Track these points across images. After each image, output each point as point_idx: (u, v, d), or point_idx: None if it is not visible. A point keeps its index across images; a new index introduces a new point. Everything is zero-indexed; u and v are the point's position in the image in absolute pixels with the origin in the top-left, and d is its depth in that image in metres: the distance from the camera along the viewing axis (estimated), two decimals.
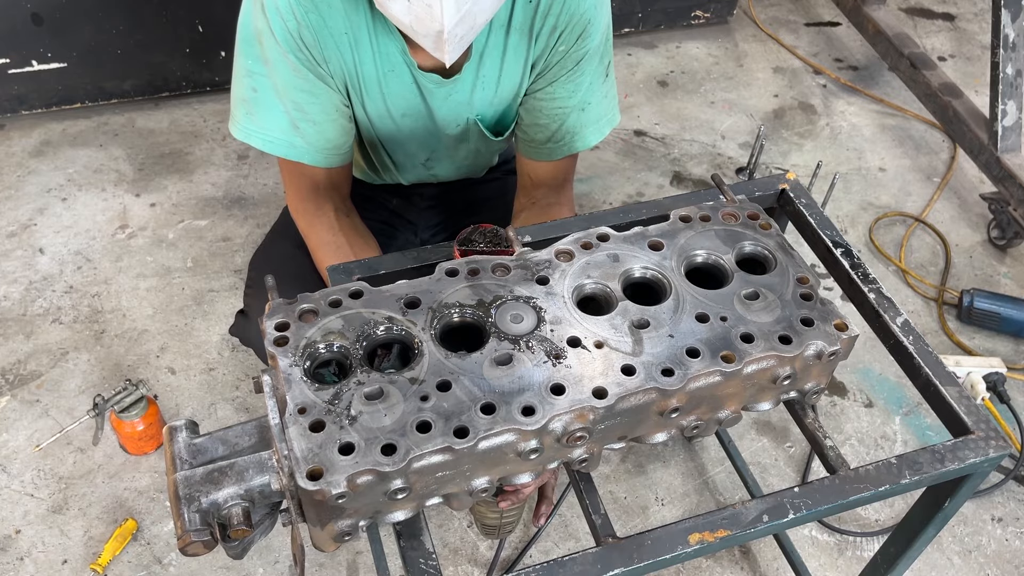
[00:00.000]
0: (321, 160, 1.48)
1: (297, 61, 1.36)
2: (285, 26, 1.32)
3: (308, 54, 1.35)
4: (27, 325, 2.26)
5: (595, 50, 1.44)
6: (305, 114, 1.41)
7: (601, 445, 1.10)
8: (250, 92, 1.41)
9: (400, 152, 1.63)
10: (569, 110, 1.49)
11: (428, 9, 1.13)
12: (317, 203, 1.54)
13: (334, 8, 1.33)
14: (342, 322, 1.08)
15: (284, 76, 1.37)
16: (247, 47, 1.38)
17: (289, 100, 1.40)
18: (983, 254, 2.60)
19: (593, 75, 1.48)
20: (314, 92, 1.40)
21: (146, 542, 1.86)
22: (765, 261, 1.22)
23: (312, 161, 1.47)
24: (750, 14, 3.51)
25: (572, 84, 1.46)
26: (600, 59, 1.47)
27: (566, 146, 1.54)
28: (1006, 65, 2.44)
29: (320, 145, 1.46)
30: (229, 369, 2.18)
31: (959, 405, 1.21)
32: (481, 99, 1.49)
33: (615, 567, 1.04)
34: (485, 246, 1.24)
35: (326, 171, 1.51)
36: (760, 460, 2.06)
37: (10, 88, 2.73)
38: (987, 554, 1.92)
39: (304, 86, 1.39)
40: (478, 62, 1.42)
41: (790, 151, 2.94)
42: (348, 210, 1.59)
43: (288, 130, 1.43)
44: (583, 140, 1.54)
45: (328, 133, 1.45)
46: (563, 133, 1.52)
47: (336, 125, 1.45)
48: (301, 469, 0.94)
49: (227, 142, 2.82)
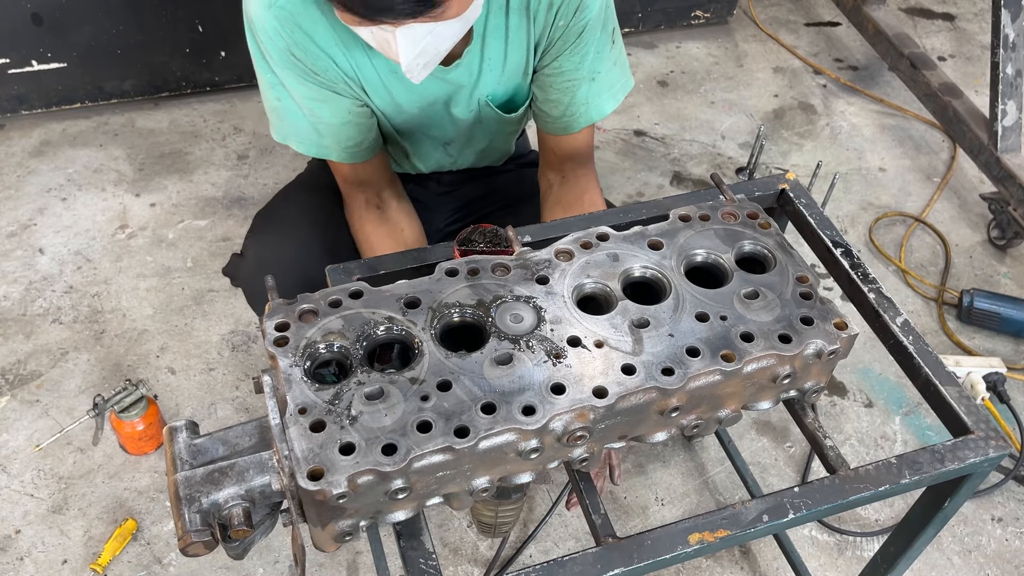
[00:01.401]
0: (347, 157, 1.53)
1: (298, 75, 1.40)
2: (275, 45, 1.37)
3: (304, 67, 1.39)
4: (27, 325, 2.26)
5: (595, 20, 1.45)
6: (320, 119, 1.47)
7: (601, 444, 1.10)
8: (275, 102, 1.48)
9: (419, 141, 1.65)
10: (579, 82, 1.51)
11: (388, 44, 1.18)
12: (351, 195, 1.63)
13: (317, 22, 1.35)
14: (342, 322, 1.08)
15: (293, 88, 1.43)
16: (260, 61, 1.43)
17: (305, 107, 1.46)
18: (983, 254, 2.60)
19: (599, 44, 1.49)
20: (322, 99, 1.44)
21: (146, 542, 1.86)
22: (765, 260, 1.23)
23: (339, 159, 1.54)
24: (750, 14, 3.51)
25: (577, 56, 1.48)
26: (603, 27, 1.49)
27: (582, 117, 1.56)
28: (1006, 65, 2.44)
29: (342, 145, 1.51)
30: (229, 369, 2.18)
31: (959, 405, 1.21)
32: (488, 80, 1.50)
33: (615, 567, 1.04)
34: (485, 246, 1.24)
35: (352, 167, 1.57)
36: (760, 460, 2.06)
37: (10, 88, 2.73)
38: (987, 554, 1.92)
39: (311, 95, 1.43)
40: (481, 44, 1.44)
41: (790, 151, 2.94)
42: (381, 201, 1.63)
43: (312, 132, 1.50)
44: (598, 109, 1.56)
45: (345, 133, 1.50)
46: (577, 105, 1.54)
47: (351, 126, 1.49)
48: (302, 469, 0.94)
49: (227, 142, 2.82)
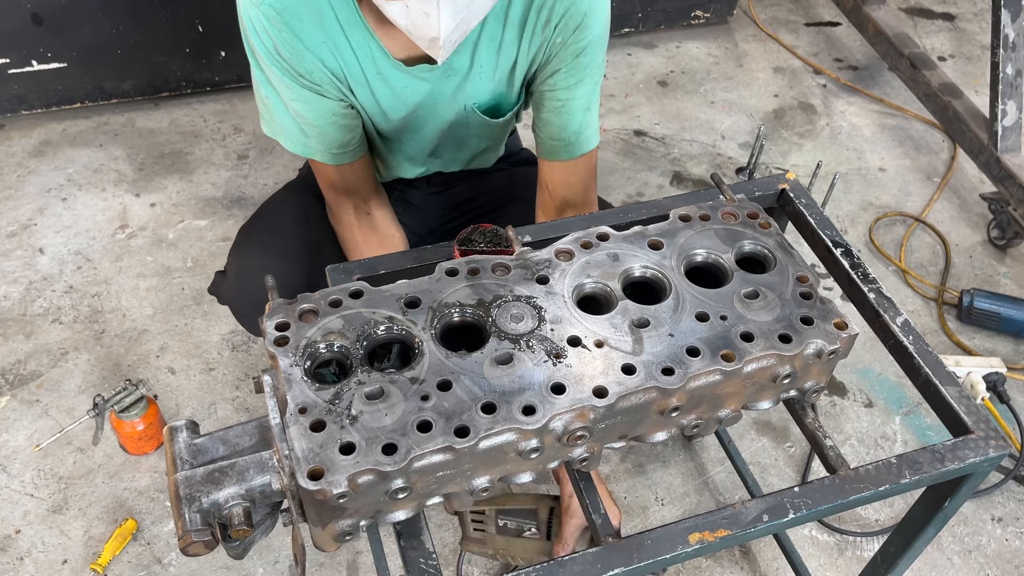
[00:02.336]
0: (331, 159, 1.53)
1: (283, 74, 1.41)
2: (264, 44, 1.37)
3: (290, 67, 1.40)
4: (27, 325, 2.26)
5: (596, 42, 1.45)
6: (305, 119, 1.47)
7: (601, 444, 1.10)
8: (265, 98, 1.48)
9: (406, 144, 1.64)
10: (569, 102, 1.50)
11: (426, 18, 1.17)
12: (338, 201, 1.62)
13: (304, 21, 1.35)
14: (342, 322, 1.08)
15: (280, 87, 1.44)
16: (251, 58, 1.43)
17: (291, 106, 1.46)
18: (983, 254, 2.61)
19: (596, 76, 1.49)
20: (306, 100, 1.44)
21: (146, 542, 1.86)
22: (765, 260, 1.22)
23: (323, 159, 1.53)
24: (750, 14, 3.51)
25: (574, 77, 1.47)
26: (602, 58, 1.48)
27: (574, 146, 1.55)
28: (1006, 65, 2.44)
29: (326, 145, 1.50)
30: (229, 369, 2.18)
31: (959, 405, 1.21)
32: (477, 86, 1.50)
33: (615, 567, 1.04)
34: (485, 246, 1.24)
35: (337, 169, 1.56)
36: (760, 460, 2.07)
37: (10, 88, 2.73)
38: (987, 554, 1.92)
39: (297, 95, 1.43)
40: (473, 50, 1.44)
41: (790, 151, 2.94)
42: (369, 208, 1.63)
43: (298, 132, 1.50)
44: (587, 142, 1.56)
45: (330, 135, 1.49)
46: (567, 128, 1.53)
47: (335, 127, 1.49)
48: (302, 469, 0.94)
49: (227, 142, 2.83)
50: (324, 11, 1.35)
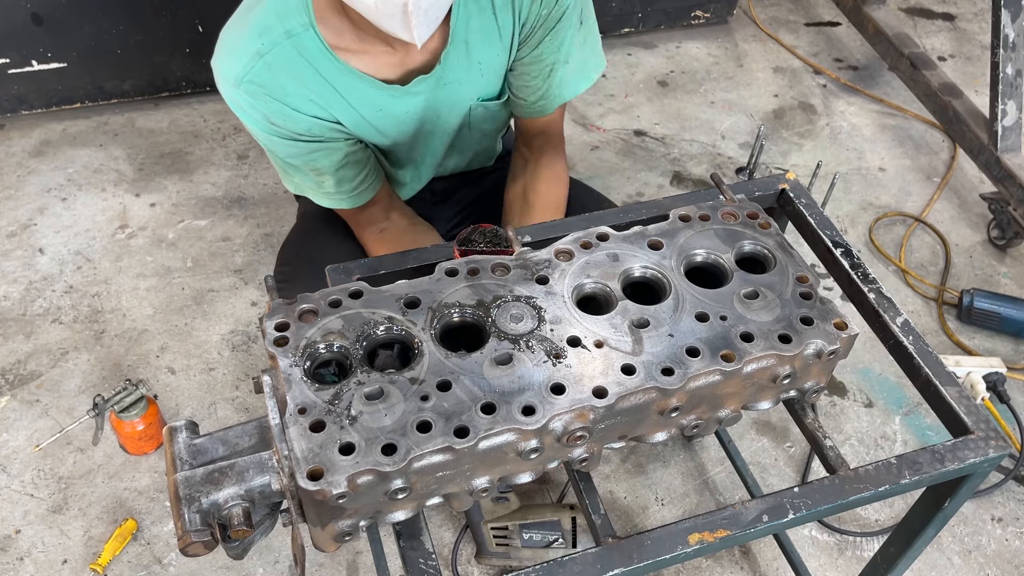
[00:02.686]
0: (352, 202, 1.57)
1: (284, 140, 1.43)
2: (255, 119, 1.39)
3: (288, 131, 1.41)
4: (27, 325, 2.26)
5: (574, 5, 1.46)
6: (318, 171, 1.50)
7: (601, 444, 1.10)
8: (279, 160, 1.51)
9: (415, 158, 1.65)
10: (555, 65, 1.52)
11: None
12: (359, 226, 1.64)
13: (287, 86, 1.36)
14: (342, 322, 1.08)
15: (284, 150, 1.46)
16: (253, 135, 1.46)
17: (301, 163, 1.48)
18: (983, 254, 2.60)
19: (573, 28, 1.51)
20: (312, 153, 1.46)
21: (146, 542, 1.86)
22: (764, 260, 1.22)
23: (348, 205, 1.56)
24: (750, 14, 3.51)
25: (555, 42, 1.49)
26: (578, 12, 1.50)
27: (556, 99, 1.58)
28: (1006, 65, 2.44)
29: (345, 189, 1.53)
30: (229, 369, 2.18)
31: (959, 405, 1.21)
32: (477, 82, 1.51)
33: (615, 567, 1.04)
34: (485, 246, 1.24)
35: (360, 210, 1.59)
36: (760, 460, 2.06)
37: (10, 88, 2.73)
38: (987, 554, 1.92)
39: (303, 151, 1.46)
40: (466, 49, 1.44)
41: (790, 151, 2.94)
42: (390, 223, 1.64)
43: (317, 186, 1.53)
44: (572, 89, 1.58)
45: (348, 176, 1.52)
46: (551, 87, 1.55)
47: (350, 168, 1.51)
48: (302, 469, 0.94)
49: (227, 142, 2.82)
50: (303, 70, 1.36)
